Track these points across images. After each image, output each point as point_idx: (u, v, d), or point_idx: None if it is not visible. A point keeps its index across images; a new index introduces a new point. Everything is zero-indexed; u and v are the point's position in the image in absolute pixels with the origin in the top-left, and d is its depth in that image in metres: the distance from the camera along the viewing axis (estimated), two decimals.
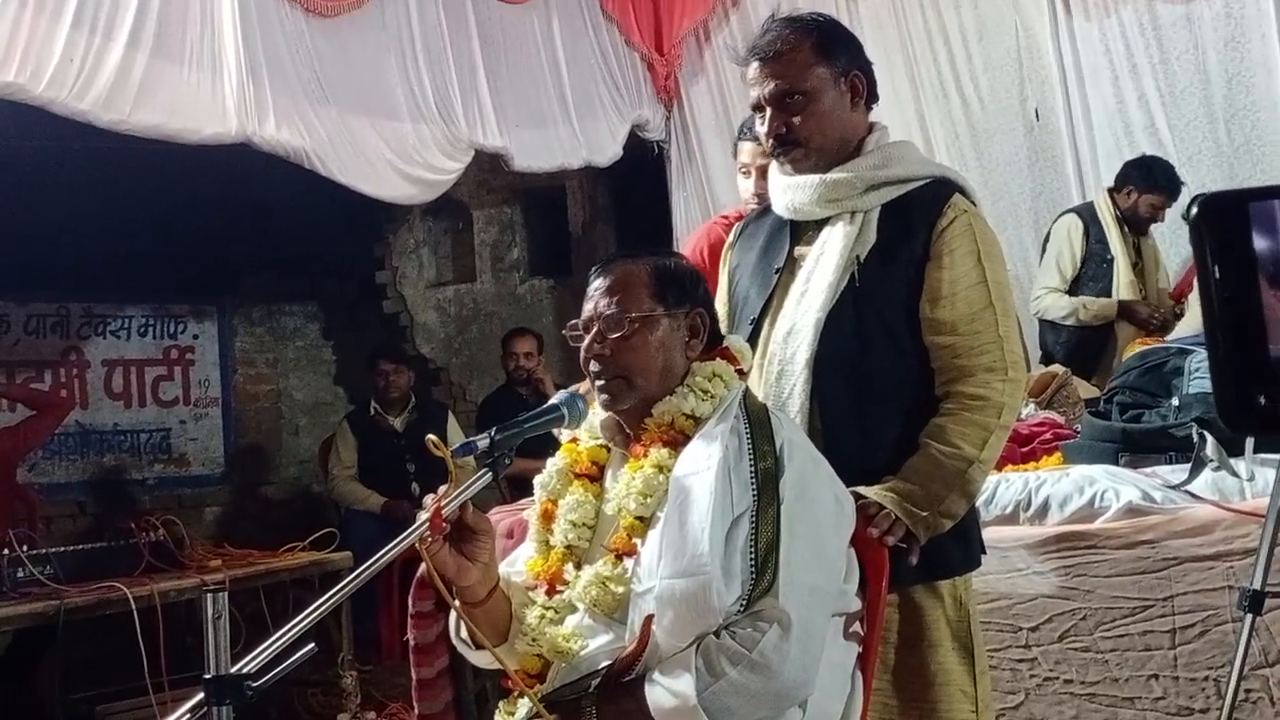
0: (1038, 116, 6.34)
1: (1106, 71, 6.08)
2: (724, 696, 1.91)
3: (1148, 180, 5.58)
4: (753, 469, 2.04)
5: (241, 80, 4.77)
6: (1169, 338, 4.99)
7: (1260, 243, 0.94)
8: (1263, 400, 0.95)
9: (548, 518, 2.27)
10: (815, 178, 2.52)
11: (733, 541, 1.98)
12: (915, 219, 2.48)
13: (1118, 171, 5.73)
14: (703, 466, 2.04)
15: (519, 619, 2.20)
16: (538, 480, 2.32)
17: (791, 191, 2.56)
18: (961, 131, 6.48)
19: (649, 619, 1.99)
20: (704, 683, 1.91)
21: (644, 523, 2.10)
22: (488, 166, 7.16)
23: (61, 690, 4.98)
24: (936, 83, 6.51)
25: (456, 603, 2.07)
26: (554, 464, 2.31)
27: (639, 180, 7.46)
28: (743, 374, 2.29)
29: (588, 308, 2.25)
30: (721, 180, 6.81)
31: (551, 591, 2.16)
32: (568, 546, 2.19)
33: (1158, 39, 5.96)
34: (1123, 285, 5.68)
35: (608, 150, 6.70)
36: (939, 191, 2.51)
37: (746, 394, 2.21)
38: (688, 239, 5.03)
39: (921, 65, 6.53)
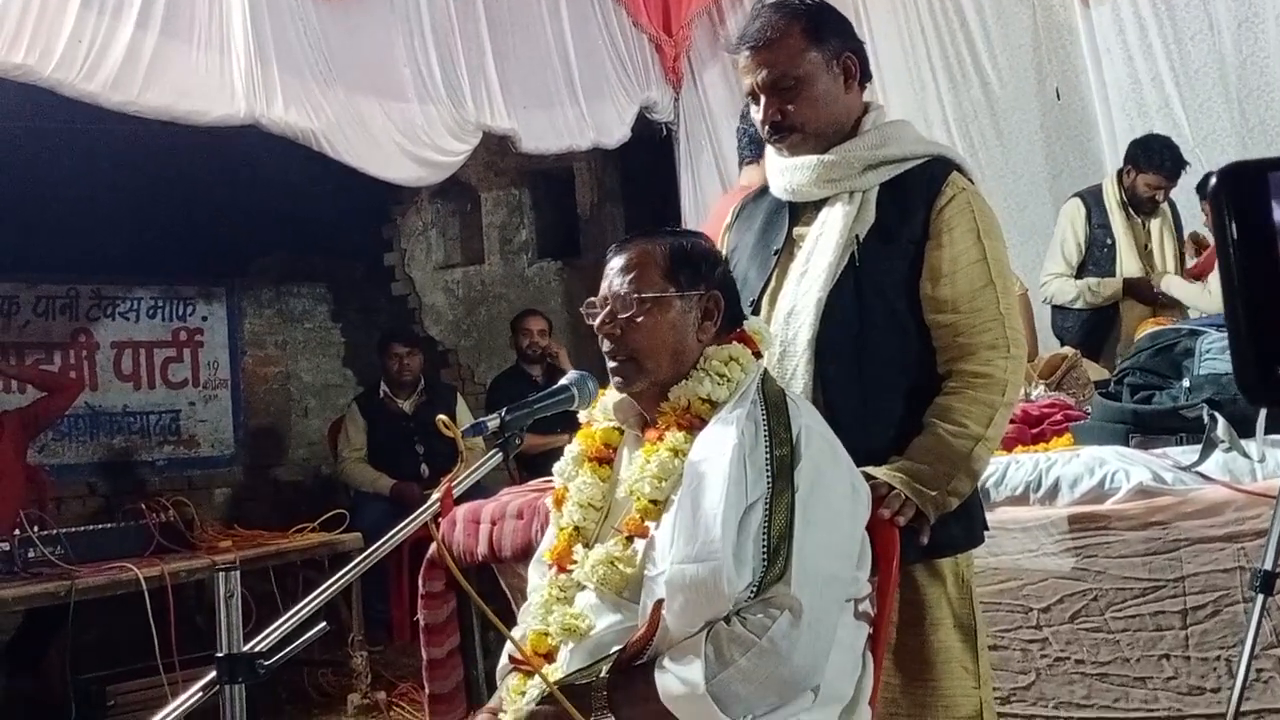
0: (1058, 96, 6.32)
1: (1120, 51, 6.05)
2: (733, 684, 1.91)
3: (1146, 160, 5.53)
4: (768, 456, 2.02)
5: (250, 62, 4.77)
6: (1195, 316, 4.99)
7: None
8: None
9: (560, 503, 2.28)
10: (813, 158, 2.51)
11: (745, 528, 1.97)
12: (914, 198, 2.47)
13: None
14: (718, 452, 2.03)
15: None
16: (556, 467, 2.33)
17: (789, 173, 2.55)
18: (980, 111, 6.47)
19: (659, 603, 1.98)
20: (713, 670, 1.91)
21: (658, 506, 2.09)
22: (495, 148, 7.16)
23: (72, 670, 4.99)
24: (955, 63, 6.50)
25: (467, 584, 2.07)
26: (571, 450, 2.32)
27: (647, 162, 7.44)
28: (759, 356, 2.27)
29: (603, 286, 2.25)
30: (735, 161, 6.80)
31: (561, 570, 2.17)
32: (576, 527, 2.20)
33: (1171, 19, 5.93)
34: (1126, 269, 5.65)
35: (615, 132, 6.67)
36: (937, 170, 2.50)
37: (765, 378, 2.19)
38: (712, 212, 4.97)
39: (937, 46, 6.52)
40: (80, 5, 4.25)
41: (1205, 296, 5.35)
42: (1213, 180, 0.96)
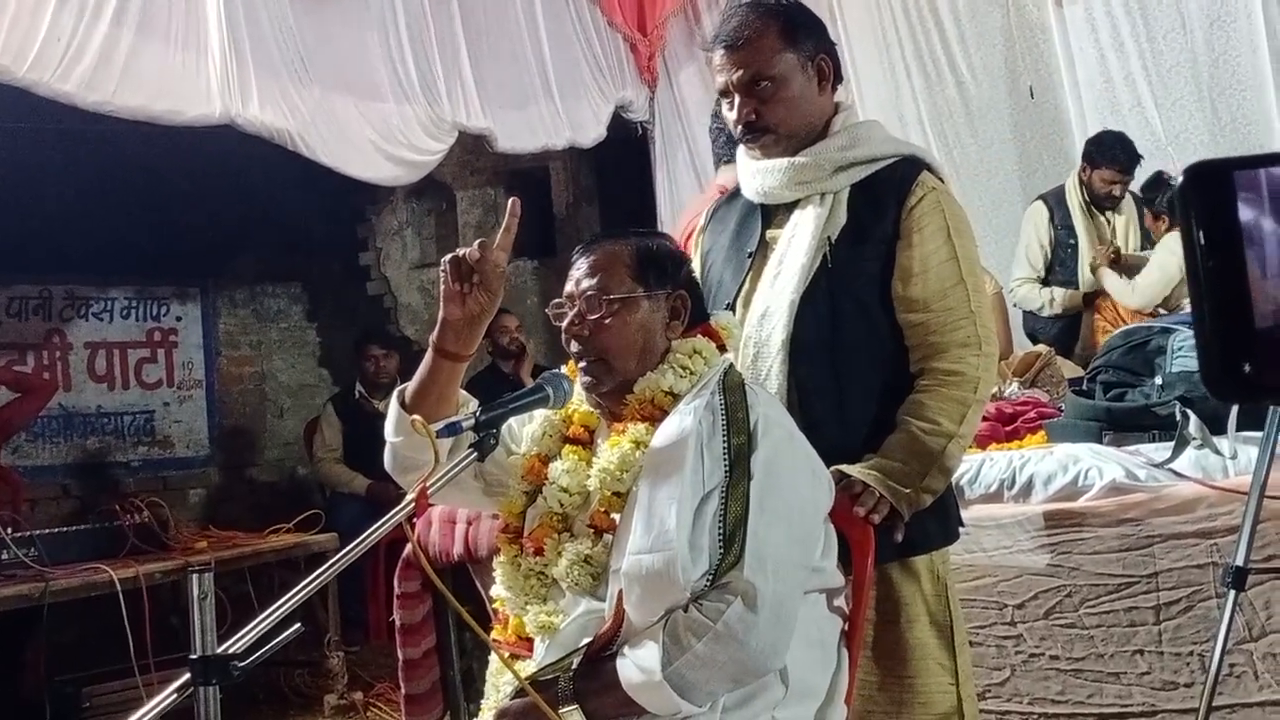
0: (1032, 94, 6.36)
1: (1093, 50, 6.09)
2: (689, 669, 1.92)
3: (1100, 155, 5.57)
4: (725, 445, 2.03)
5: (225, 61, 4.74)
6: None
7: (1245, 212, 0.95)
8: (1248, 368, 0.95)
9: (534, 472, 2.24)
10: (784, 161, 2.53)
11: (702, 517, 1.98)
12: (885, 198, 2.49)
13: None
14: (675, 442, 2.04)
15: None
16: (529, 432, 2.31)
17: (761, 175, 2.57)
18: (955, 110, 6.51)
19: (620, 594, 2.00)
20: (669, 657, 1.92)
21: (620, 498, 2.09)
22: (471, 147, 7.14)
23: (47, 672, 4.97)
24: (929, 62, 6.53)
25: (441, 584, 2.07)
26: (545, 415, 2.29)
27: (622, 161, 7.44)
28: (724, 350, 2.27)
29: (569, 286, 2.24)
30: (710, 160, 6.81)
31: (538, 551, 2.16)
32: (560, 514, 2.17)
33: (1144, 18, 5.97)
34: (1086, 268, 5.68)
35: (591, 131, 6.68)
36: (907, 170, 2.52)
37: (728, 370, 2.19)
38: (687, 209, 4.96)
39: (912, 45, 6.55)
40: (56, 4, 4.21)
41: (1129, 293, 5.41)
42: (1179, 179, 0.97)
